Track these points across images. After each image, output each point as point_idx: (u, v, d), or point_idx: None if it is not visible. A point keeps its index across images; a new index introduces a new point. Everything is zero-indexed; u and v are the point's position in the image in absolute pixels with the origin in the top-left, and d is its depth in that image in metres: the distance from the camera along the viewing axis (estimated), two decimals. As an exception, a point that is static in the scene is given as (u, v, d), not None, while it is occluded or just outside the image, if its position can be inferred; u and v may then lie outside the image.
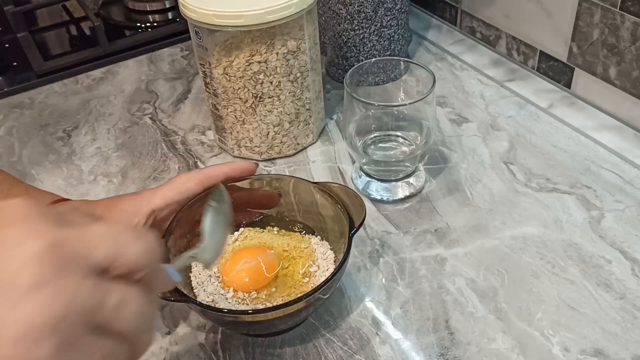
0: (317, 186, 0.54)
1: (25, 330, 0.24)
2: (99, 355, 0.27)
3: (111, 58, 0.91)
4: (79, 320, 0.26)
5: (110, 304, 0.27)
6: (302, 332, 0.52)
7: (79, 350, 0.26)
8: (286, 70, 0.65)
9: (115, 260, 0.28)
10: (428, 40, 0.90)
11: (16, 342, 0.24)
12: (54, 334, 0.25)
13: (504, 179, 0.66)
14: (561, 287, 0.54)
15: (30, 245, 0.25)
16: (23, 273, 0.25)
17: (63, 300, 0.25)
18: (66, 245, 0.26)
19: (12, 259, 0.25)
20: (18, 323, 0.24)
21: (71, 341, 0.25)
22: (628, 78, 0.68)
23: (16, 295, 0.24)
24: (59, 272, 0.25)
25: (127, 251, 0.28)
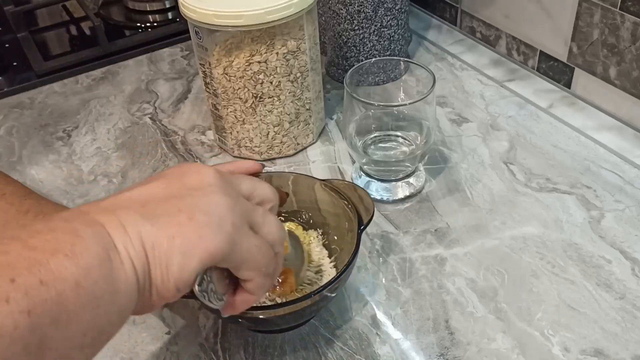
0: (323, 183, 0.54)
1: (213, 209, 0.35)
2: (254, 244, 0.37)
3: (111, 58, 0.91)
4: (242, 213, 0.37)
5: (258, 212, 0.39)
6: (302, 332, 0.52)
7: (245, 234, 0.37)
8: (286, 70, 0.65)
9: (254, 191, 0.41)
10: (428, 40, 0.90)
11: (207, 213, 0.35)
12: (230, 215, 0.36)
13: (504, 179, 0.66)
14: (561, 287, 0.54)
15: (205, 171, 0.38)
16: (204, 182, 0.37)
17: (231, 198, 0.37)
18: (226, 175, 0.39)
19: (194, 176, 0.37)
20: (206, 205, 0.35)
21: (239, 225, 0.36)
22: (628, 78, 0.68)
23: (201, 193, 0.36)
24: (225, 184, 0.38)
25: (260, 186, 0.42)
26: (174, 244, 0.33)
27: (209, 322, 0.53)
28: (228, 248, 0.35)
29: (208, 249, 0.34)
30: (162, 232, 0.33)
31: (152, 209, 0.34)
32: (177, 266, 0.34)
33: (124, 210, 0.34)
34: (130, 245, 0.33)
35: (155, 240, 0.33)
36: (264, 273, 0.39)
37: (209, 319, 0.54)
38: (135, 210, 0.34)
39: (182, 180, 0.37)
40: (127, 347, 0.52)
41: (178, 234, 0.34)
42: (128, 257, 0.33)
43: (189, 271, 0.34)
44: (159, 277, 0.34)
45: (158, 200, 0.35)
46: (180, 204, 0.35)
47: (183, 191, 0.36)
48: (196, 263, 0.34)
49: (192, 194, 0.36)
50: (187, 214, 0.34)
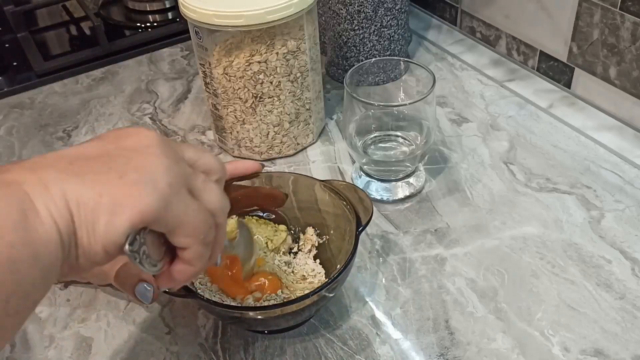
0: (322, 183, 0.54)
1: (147, 168, 0.34)
2: (192, 208, 0.35)
3: (111, 58, 0.91)
4: (180, 176, 0.35)
5: (199, 178, 0.37)
6: (302, 332, 0.52)
7: (181, 196, 0.35)
8: (286, 70, 0.65)
9: (198, 160, 0.39)
10: (428, 40, 0.90)
11: (140, 172, 0.33)
12: (166, 176, 0.34)
13: (504, 179, 0.66)
14: (561, 287, 0.54)
15: (147, 132, 0.36)
16: (141, 144, 0.35)
17: (170, 160, 0.35)
18: (168, 140, 0.37)
19: (133, 138, 0.35)
20: (141, 164, 0.34)
21: (176, 187, 0.34)
22: (628, 78, 0.68)
23: (137, 153, 0.34)
24: (166, 146, 0.36)
25: (205, 156, 0.39)
26: (101, 202, 0.31)
27: (209, 322, 0.53)
28: (160, 207, 0.33)
29: (138, 207, 0.32)
30: (88, 189, 0.32)
31: (80, 166, 0.33)
32: (104, 225, 0.32)
33: (48, 168, 0.32)
34: (52, 204, 0.31)
35: (80, 198, 0.31)
36: (201, 241, 0.36)
37: (209, 319, 0.54)
38: (60, 168, 0.32)
39: (118, 141, 0.35)
40: (127, 347, 0.52)
41: (106, 191, 0.32)
42: (50, 216, 0.31)
43: (117, 231, 0.32)
44: (85, 238, 0.32)
45: (88, 158, 0.33)
46: (111, 163, 0.33)
47: (117, 151, 0.34)
48: (124, 221, 0.32)
49: (126, 154, 0.34)
50: (117, 172, 0.33)
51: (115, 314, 0.55)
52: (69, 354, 0.52)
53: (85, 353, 0.52)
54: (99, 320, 0.54)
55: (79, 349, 0.52)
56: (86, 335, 0.53)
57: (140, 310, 0.55)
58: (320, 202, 0.55)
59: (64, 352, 0.52)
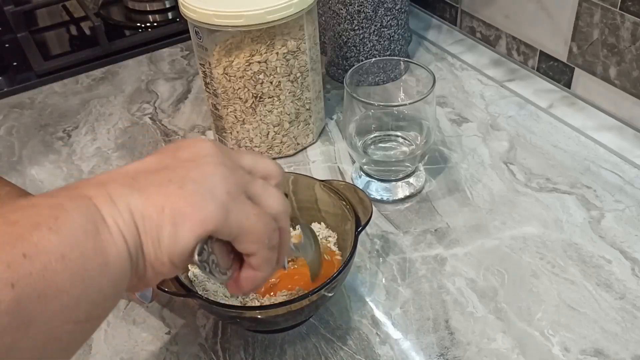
0: (322, 183, 0.54)
1: (205, 177, 0.34)
2: (253, 213, 0.36)
3: (111, 58, 0.91)
4: (238, 183, 0.36)
5: (258, 183, 0.37)
6: (302, 332, 0.52)
7: (241, 203, 0.35)
8: (286, 70, 0.65)
9: (256, 165, 0.39)
10: (428, 40, 0.90)
11: (198, 182, 0.34)
12: (223, 184, 0.35)
13: (504, 179, 0.66)
14: (561, 287, 0.54)
15: (203, 142, 0.37)
16: (198, 154, 0.36)
17: (227, 168, 0.36)
18: (225, 148, 0.38)
19: (190, 149, 0.36)
20: (198, 174, 0.34)
21: (235, 194, 0.35)
22: (628, 78, 0.68)
23: (194, 164, 0.35)
24: (223, 156, 0.36)
25: (263, 161, 0.40)
26: (163, 215, 0.32)
27: (209, 322, 0.53)
28: (222, 215, 0.34)
29: (199, 218, 0.33)
30: (150, 202, 0.33)
31: (142, 180, 0.34)
32: (169, 238, 0.33)
33: (113, 184, 0.33)
34: (120, 218, 0.32)
35: (144, 211, 0.32)
36: (267, 245, 0.37)
37: (209, 319, 0.54)
38: (124, 183, 0.33)
39: (176, 153, 0.36)
40: (127, 347, 0.52)
41: (167, 203, 0.33)
42: (117, 229, 0.32)
43: (182, 242, 0.33)
44: (152, 250, 0.33)
45: (149, 172, 0.34)
46: (171, 175, 0.34)
47: (176, 163, 0.35)
48: (188, 232, 0.33)
49: (184, 165, 0.35)
50: (177, 184, 0.33)
51: (115, 314, 0.55)
52: (69, 354, 0.52)
53: (85, 353, 0.52)
54: (99, 320, 0.54)
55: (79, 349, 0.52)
56: (86, 335, 0.53)
57: (140, 310, 0.55)
58: (320, 202, 0.55)
59: (64, 352, 0.52)
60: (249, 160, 0.39)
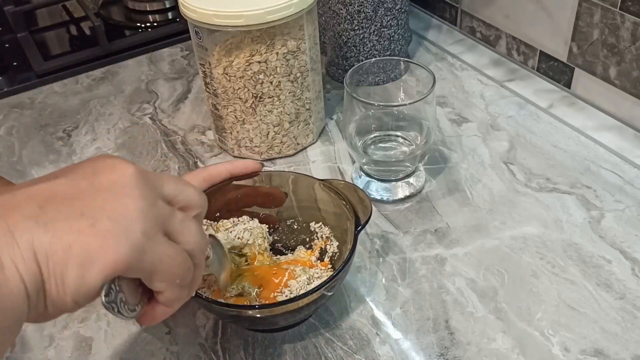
0: (322, 182, 0.54)
1: (121, 214, 0.32)
2: (167, 254, 0.34)
3: (111, 58, 0.91)
4: (157, 219, 0.34)
5: (177, 219, 0.36)
6: (302, 331, 0.52)
7: (157, 242, 0.34)
8: (286, 70, 0.65)
9: (178, 195, 0.37)
10: (428, 40, 0.90)
11: (113, 219, 0.32)
12: (140, 222, 0.33)
13: (504, 179, 0.66)
14: (561, 287, 0.54)
15: (123, 168, 0.34)
16: (117, 183, 0.34)
17: (146, 202, 0.34)
18: (146, 174, 0.35)
19: (109, 175, 0.34)
20: (113, 210, 0.32)
21: (151, 233, 0.33)
22: (628, 78, 0.68)
23: (111, 195, 0.33)
24: (143, 186, 0.34)
25: (186, 190, 0.38)
26: (70, 254, 0.30)
27: (209, 322, 0.53)
28: (134, 258, 0.32)
29: (110, 260, 0.31)
30: (57, 240, 0.30)
31: (50, 211, 0.31)
32: (74, 279, 0.31)
33: (16, 213, 0.31)
34: (19, 257, 0.30)
35: (49, 249, 0.30)
36: (178, 285, 0.36)
37: (209, 319, 0.54)
38: (29, 213, 0.31)
39: (93, 178, 0.33)
40: (127, 347, 0.52)
41: (76, 242, 0.31)
42: (16, 270, 0.30)
43: (87, 284, 0.31)
44: (54, 289, 0.31)
45: (60, 199, 0.32)
46: (84, 207, 0.32)
47: (91, 190, 0.33)
48: (96, 275, 0.31)
49: (100, 195, 0.33)
50: (89, 220, 0.31)
51: (115, 314, 0.55)
52: (68, 354, 0.52)
53: (85, 353, 0.52)
54: (99, 320, 0.54)
55: (79, 349, 0.52)
56: (86, 335, 0.53)
57: (140, 310, 0.55)
58: (319, 202, 0.55)
59: (63, 352, 0.52)
60: (171, 189, 0.37)
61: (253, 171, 0.54)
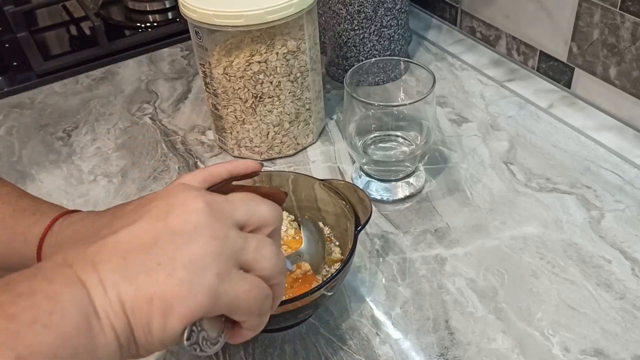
0: (322, 182, 0.54)
1: (194, 260, 0.33)
2: (243, 290, 0.35)
3: (111, 58, 0.91)
4: (230, 256, 0.34)
5: (251, 247, 0.36)
6: (302, 331, 0.52)
7: (231, 281, 0.34)
8: (286, 70, 0.65)
9: (251, 217, 0.37)
10: (428, 40, 0.90)
11: (187, 268, 0.33)
12: (213, 265, 0.33)
13: (504, 179, 0.66)
14: (561, 287, 0.54)
15: (193, 204, 0.35)
16: (188, 224, 0.34)
17: (218, 241, 0.34)
18: (216, 205, 0.36)
19: (180, 215, 0.34)
20: (187, 257, 0.33)
21: (225, 273, 0.34)
22: (628, 78, 0.68)
23: (184, 240, 0.34)
24: (214, 221, 0.35)
25: (259, 210, 0.38)
26: (152, 306, 0.33)
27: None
28: (211, 302, 0.34)
29: (188, 308, 0.33)
30: (140, 293, 0.32)
31: (132, 264, 0.33)
32: (159, 327, 0.33)
33: (105, 266, 0.33)
34: (111, 310, 0.32)
35: (134, 303, 0.32)
36: (257, 314, 0.37)
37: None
38: (115, 266, 0.33)
39: (167, 220, 0.34)
40: (127, 347, 0.52)
41: (156, 295, 0.33)
42: (109, 323, 0.32)
43: (172, 330, 0.33)
44: (143, 337, 0.33)
45: (140, 249, 0.34)
46: (160, 257, 0.33)
47: (166, 237, 0.34)
48: (177, 322, 0.33)
49: (174, 240, 0.34)
50: (166, 270, 0.33)
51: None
52: (69, 354, 0.52)
53: (85, 353, 0.52)
54: (99, 320, 0.54)
55: None
56: (86, 335, 0.53)
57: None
58: (319, 201, 0.55)
59: (64, 352, 0.52)
60: (243, 214, 0.37)
61: (253, 171, 0.54)
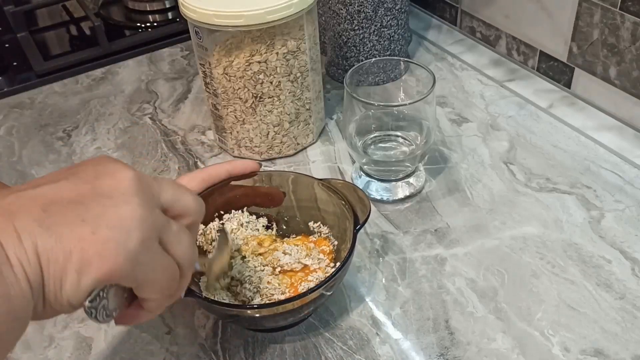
0: (321, 182, 0.54)
1: (121, 222, 0.33)
2: (161, 265, 0.35)
3: (111, 58, 0.91)
4: (154, 228, 0.34)
5: (172, 229, 0.36)
6: (302, 331, 0.52)
7: (152, 253, 0.34)
8: (286, 70, 0.65)
9: (175, 202, 0.37)
10: (428, 40, 0.90)
11: (112, 228, 0.32)
12: (139, 230, 0.33)
13: (504, 179, 0.66)
14: (561, 287, 0.54)
15: (123, 173, 0.35)
16: (117, 189, 0.34)
17: (144, 210, 0.34)
18: (145, 180, 0.36)
19: (109, 180, 0.34)
20: (114, 217, 0.33)
21: (148, 243, 0.34)
22: (628, 78, 0.68)
23: (111, 202, 0.33)
24: (142, 192, 0.35)
25: (184, 198, 0.38)
26: (70, 260, 0.31)
27: (209, 322, 0.53)
28: (129, 268, 0.33)
29: (106, 268, 0.32)
30: (59, 245, 0.31)
31: (53, 214, 0.32)
32: (71, 283, 0.32)
33: (22, 215, 0.32)
34: (25, 259, 0.31)
35: (51, 254, 0.31)
36: (165, 294, 0.37)
37: (209, 319, 0.54)
38: (34, 216, 0.32)
39: (94, 182, 0.34)
40: (127, 347, 0.52)
41: (76, 249, 0.32)
42: (22, 271, 0.31)
43: (83, 289, 0.32)
44: (52, 291, 0.32)
45: (63, 203, 0.33)
46: (85, 213, 0.32)
47: (92, 197, 0.33)
48: (91, 280, 0.32)
49: (101, 202, 0.33)
50: (90, 227, 0.32)
51: (115, 313, 0.55)
52: (68, 353, 0.52)
53: (85, 353, 0.52)
54: (99, 320, 0.54)
55: (79, 349, 0.52)
56: (86, 335, 0.53)
57: (140, 310, 0.55)
58: (319, 201, 0.55)
59: (63, 352, 0.52)
60: (169, 196, 0.37)
61: (252, 171, 0.54)
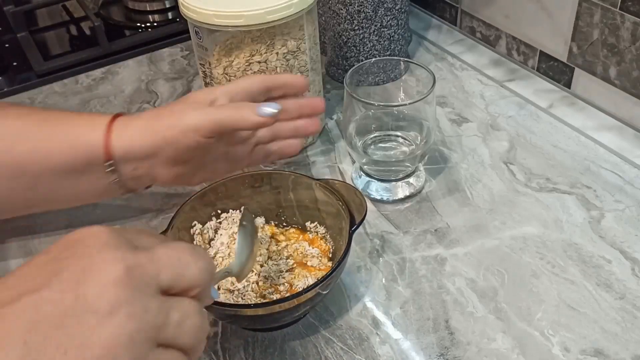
0: (319, 182, 0.54)
1: (105, 350, 0.29)
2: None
3: (111, 58, 0.91)
4: (149, 338, 0.31)
5: (173, 321, 0.32)
6: (302, 331, 0.52)
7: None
8: (286, 70, 0.65)
9: (177, 281, 0.33)
10: (428, 40, 0.90)
11: (98, 358, 0.29)
12: (128, 351, 0.29)
13: (504, 179, 0.66)
14: (561, 287, 0.54)
15: (110, 271, 0.30)
16: (103, 299, 0.30)
17: (134, 322, 0.30)
18: (138, 269, 0.31)
19: (94, 286, 0.30)
20: (98, 345, 0.29)
21: (142, 356, 0.30)
22: (628, 78, 0.68)
23: (96, 320, 0.29)
24: (132, 294, 0.30)
25: (188, 272, 0.34)
26: None
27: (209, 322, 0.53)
28: None
29: None
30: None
31: (34, 348, 0.29)
32: None
33: (9, 350, 0.28)
34: None
35: None
36: None
37: (209, 319, 0.54)
38: (17, 352, 0.28)
39: (77, 290, 0.30)
40: (127, 347, 0.52)
41: None
42: None
43: None
44: None
45: (44, 328, 0.29)
46: (68, 343, 0.29)
47: (75, 313, 0.29)
48: None
49: (84, 321, 0.29)
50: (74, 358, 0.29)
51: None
52: None
53: (85, 353, 0.52)
54: (99, 320, 0.54)
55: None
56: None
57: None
58: (319, 202, 0.55)
59: None
60: (170, 275, 0.33)
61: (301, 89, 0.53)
